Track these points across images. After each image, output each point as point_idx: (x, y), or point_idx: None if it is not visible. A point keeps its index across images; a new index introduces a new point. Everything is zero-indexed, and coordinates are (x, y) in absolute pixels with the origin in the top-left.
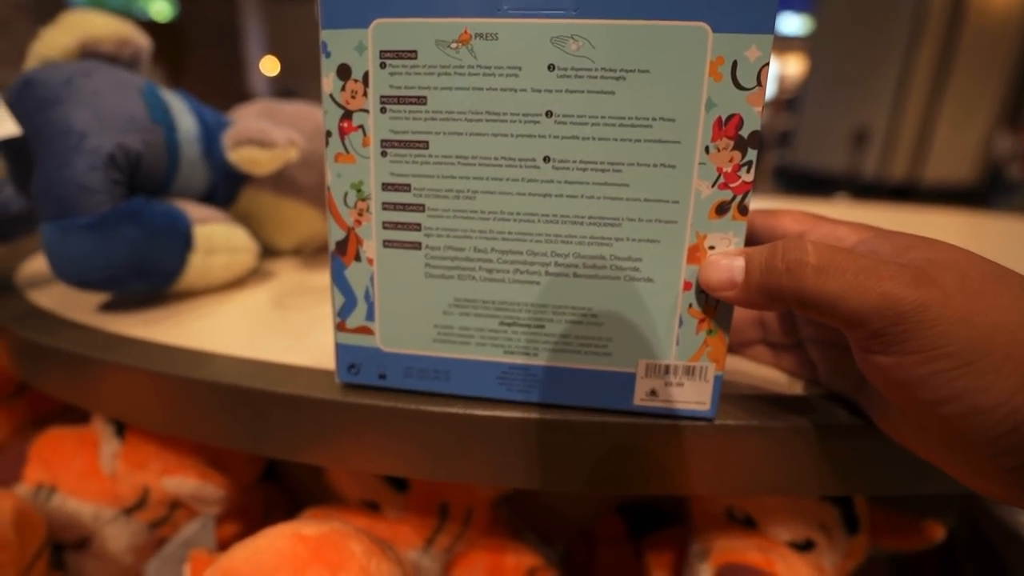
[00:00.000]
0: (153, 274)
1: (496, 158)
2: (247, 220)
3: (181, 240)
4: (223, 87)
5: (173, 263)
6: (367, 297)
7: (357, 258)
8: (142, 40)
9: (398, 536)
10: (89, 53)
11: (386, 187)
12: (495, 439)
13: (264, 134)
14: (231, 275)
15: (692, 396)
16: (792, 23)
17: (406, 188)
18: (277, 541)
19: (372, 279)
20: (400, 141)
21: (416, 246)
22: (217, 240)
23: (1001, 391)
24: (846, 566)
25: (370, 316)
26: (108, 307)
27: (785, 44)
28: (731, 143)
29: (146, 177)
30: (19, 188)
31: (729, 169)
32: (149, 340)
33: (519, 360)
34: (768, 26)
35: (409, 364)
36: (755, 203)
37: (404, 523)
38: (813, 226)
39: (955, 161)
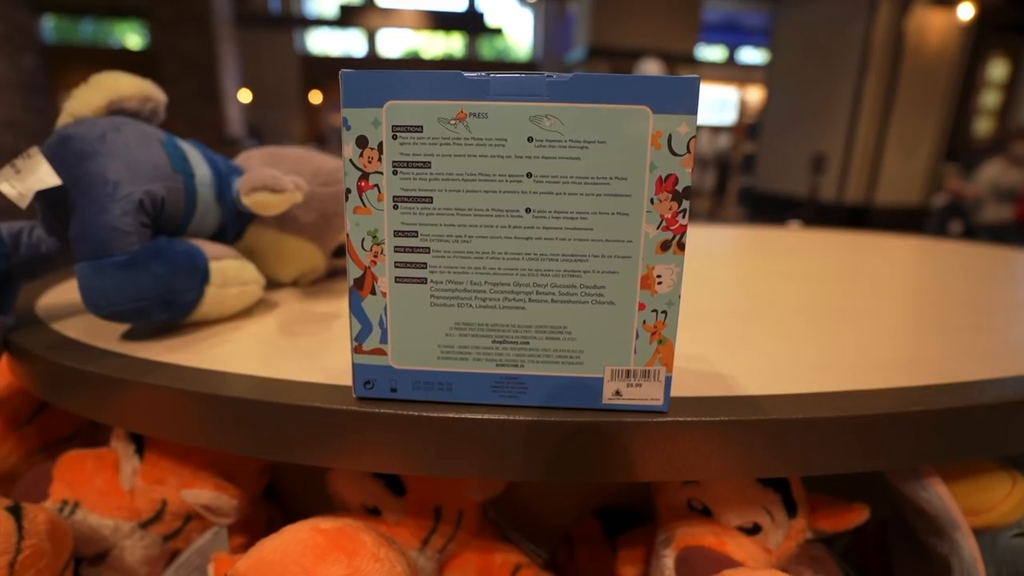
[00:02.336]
0: (175, 305)
1: (487, 209)
2: (251, 255)
3: (200, 274)
4: (199, 117)
5: (192, 295)
6: (381, 324)
7: (372, 292)
8: (160, 96)
9: (397, 537)
10: (115, 110)
11: (397, 234)
12: (486, 438)
13: (276, 180)
14: (242, 305)
15: (648, 394)
16: (753, 54)
17: (414, 234)
18: (299, 534)
19: (386, 309)
20: (409, 197)
21: (423, 281)
22: (230, 274)
23: None
24: (788, 546)
25: (383, 340)
26: (130, 336)
27: (746, 74)
28: (670, 195)
29: (168, 219)
30: (48, 230)
31: (669, 215)
32: (178, 364)
33: (509, 371)
34: (692, 109)
35: (417, 378)
36: (722, 228)
37: (402, 525)
38: None
39: (902, 185)
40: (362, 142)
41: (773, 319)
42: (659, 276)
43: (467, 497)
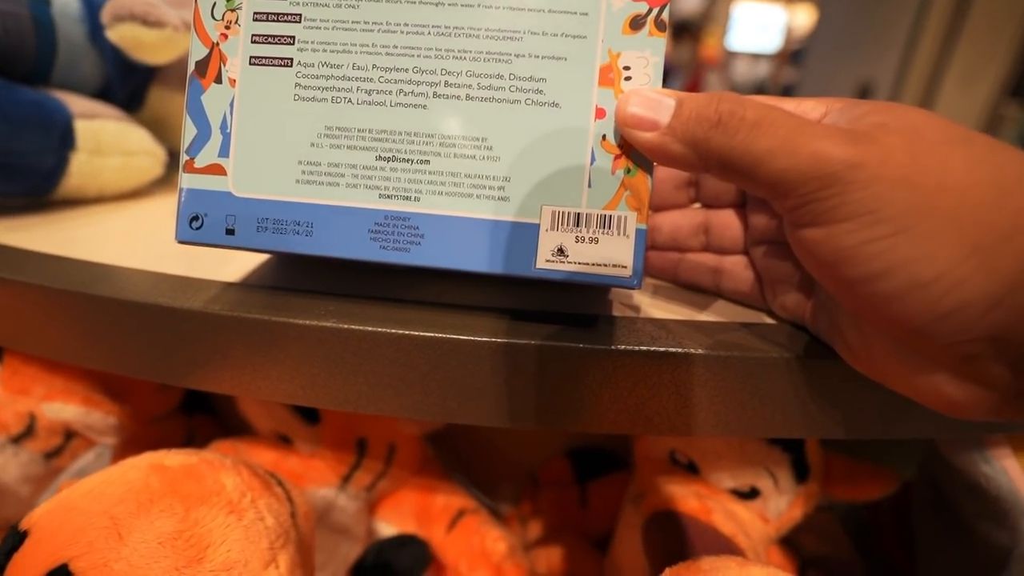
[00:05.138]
0: (24, 173)
1: None
2: (159, 126)
3: (57, 134)
4: None
5: (48, 161)
6: (223, 127)
7: (218, 79)
8: None
9: (311, 471)
10: None
11: None
12: (376, 360)
13: (149, 10)
14: (130, 181)
15: (609, 256)
16: None
17: None
18: (130, 472)
19: (232, 104)
20: None
21: (287, 63)
22: (107, 139)
23: (943, 260)
24: (792, 515)
25: (224, 151)
26: None
27: None
28: None
29: (9, 58)
30: None
31: None
32: (10, 246)
33: (397, 207)
34: None
35: (265, 214)
36: None
37: (317, 458)
38: (776, 104)
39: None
40: None
41: None
42: (627, 68)
43: (400, 430)
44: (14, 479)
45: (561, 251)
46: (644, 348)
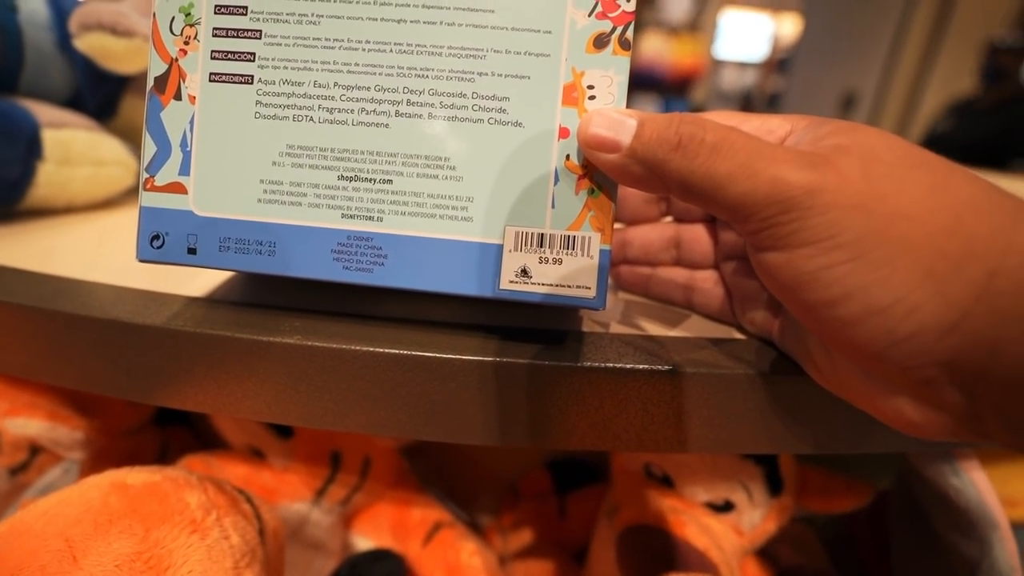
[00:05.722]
0: None
1: None
2: (133, 136)
3: (23, 144)
4: None
5: (13, 171)
6: (183, 145)
7: (177, 96)
8: None
9: (284, 486)
10: None
11: (219, 9)
12: (354, 378)
13: (118, 19)
14: (99, 191)
15: (573, 277)
16: None
17: (242, 11)
18: (89, 491)
19: (192, 122)
20: None
21: (247, 80)
22: (76, 149)
23: (898, 286)
24: (766, 528)
25: (185, 169)
26: None
27: (781, 2)
28: None
29: None
30: None
31: None
32: None
33: (360, 227)
34: None
35: (227, 233)
36: None
37: (290, 472)
38: (742, 121)
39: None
40: None
41: None
42: (591, 87)
43: (376, 443)
44: None
45: (525, 272)
46: (610, 365)
